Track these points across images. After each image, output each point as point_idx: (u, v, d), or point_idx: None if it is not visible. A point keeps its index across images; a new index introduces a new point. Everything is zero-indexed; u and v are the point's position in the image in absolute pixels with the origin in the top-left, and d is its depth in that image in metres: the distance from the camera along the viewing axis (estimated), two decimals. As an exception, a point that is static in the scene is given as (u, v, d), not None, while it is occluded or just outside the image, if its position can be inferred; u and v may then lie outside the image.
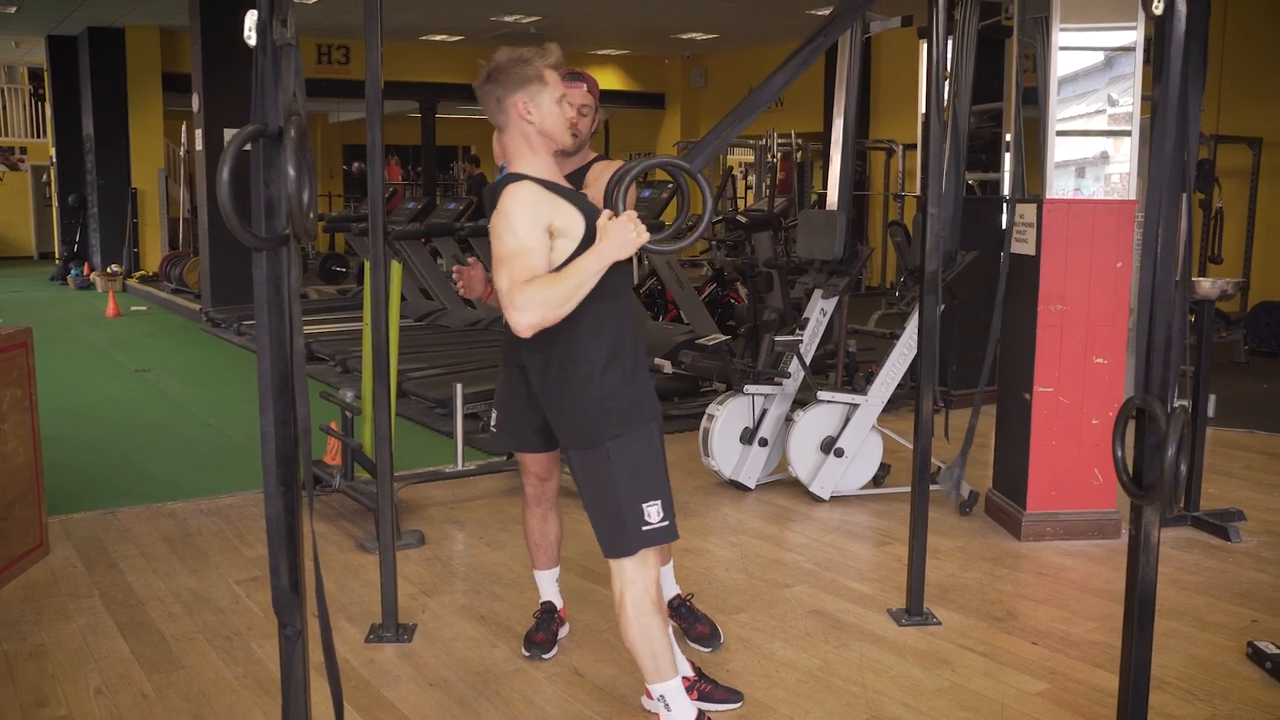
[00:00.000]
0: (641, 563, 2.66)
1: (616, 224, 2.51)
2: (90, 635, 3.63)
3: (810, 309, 5.47)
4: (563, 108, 2.68)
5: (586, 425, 2.66)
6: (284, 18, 1.87)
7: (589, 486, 2.71)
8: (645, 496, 2.65)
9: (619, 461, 2.64)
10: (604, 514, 2.68)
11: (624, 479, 2.64)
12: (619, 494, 2.64)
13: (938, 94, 3.66)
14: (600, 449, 2.64)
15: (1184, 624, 3.72)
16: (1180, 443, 2.07)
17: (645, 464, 2.68)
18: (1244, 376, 8.43)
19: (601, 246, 2.50)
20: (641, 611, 2.66)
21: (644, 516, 2.64)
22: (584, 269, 2.49)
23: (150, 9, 14.14)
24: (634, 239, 2.50)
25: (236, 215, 1.81)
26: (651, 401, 2.75)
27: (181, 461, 5.98)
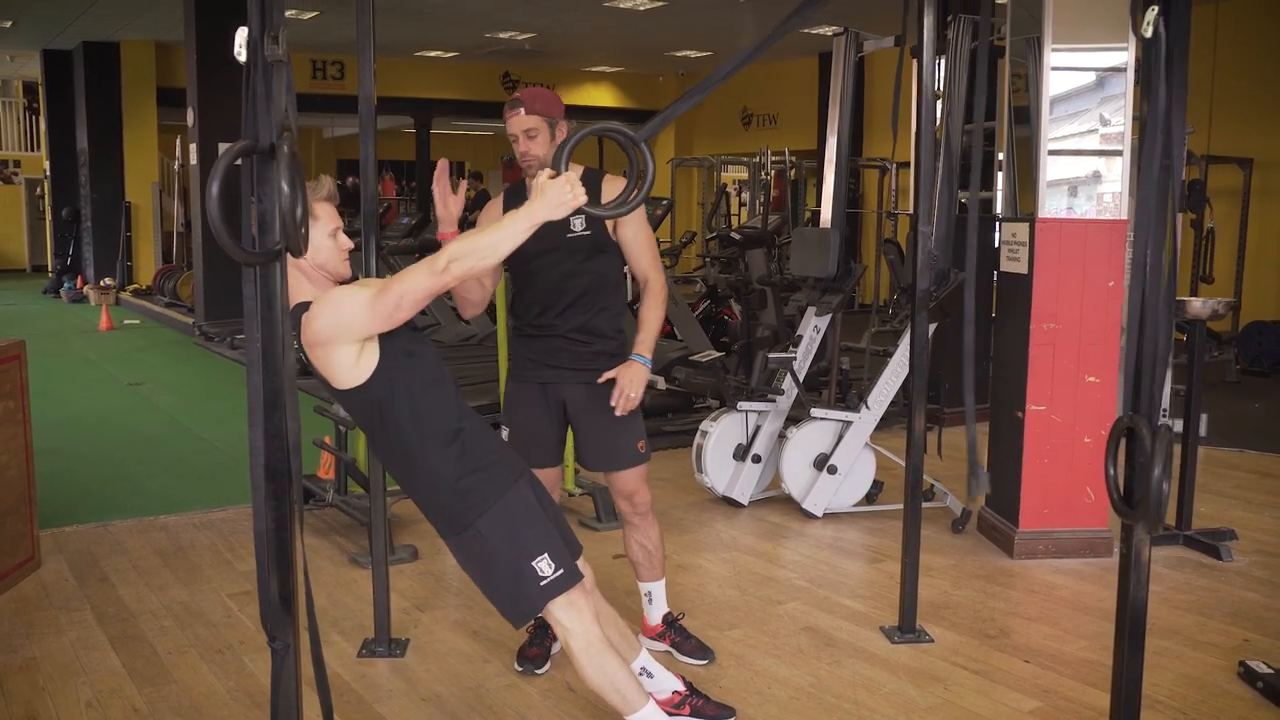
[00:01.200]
0: (570, 608, 2.63)
1: (554, 183, 2.41)
2: (81, 649, 3.62)
3: (804, 326, 5.48)
4: (337, 240, 2.65)
5: (449, 513, 2.64)
6: (275, 34, 1.88)
7: (475, 567, 2.68)
8: (531, 555, 2.61)
9: (493, 535, 2.61)
10: (500, 588, 2.65)
11: (505, 548, 2.61)
12: (505, 562, 2.61)
13: (929, 113, 3.67)
14: (471, 529, 2.62)
15: (1176, 643, 3.72)
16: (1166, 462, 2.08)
17: (519, 525, 2.64)
18: (1235, 396, 8.46)
19: (535, 204, 2.42)
20: (591, 654, 2.64)
21: (538, 574, 2.60)
22: (512, 225, 2.42)
23: (146, 24, 14.18)
24: (569, 199, 2.41)
25: (227, 230, 1.81)
26: (505, 462, 2.70)
27: (174, 475, 5.97)
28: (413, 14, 13.07)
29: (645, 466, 3.43)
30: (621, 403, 3.25)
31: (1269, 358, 9.47)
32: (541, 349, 3.36)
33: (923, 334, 3.74)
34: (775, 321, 7.41)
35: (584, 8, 12.71)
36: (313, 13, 12.92)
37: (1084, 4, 4.40)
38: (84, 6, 12.92)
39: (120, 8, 13.02)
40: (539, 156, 3.22)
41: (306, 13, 12.93)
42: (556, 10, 12.89)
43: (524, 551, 2.61)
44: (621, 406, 3.25)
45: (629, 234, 3.35)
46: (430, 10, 12.91)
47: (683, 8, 12.65)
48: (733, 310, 9.24)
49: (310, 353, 2.56)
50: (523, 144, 3.23)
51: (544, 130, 3.24)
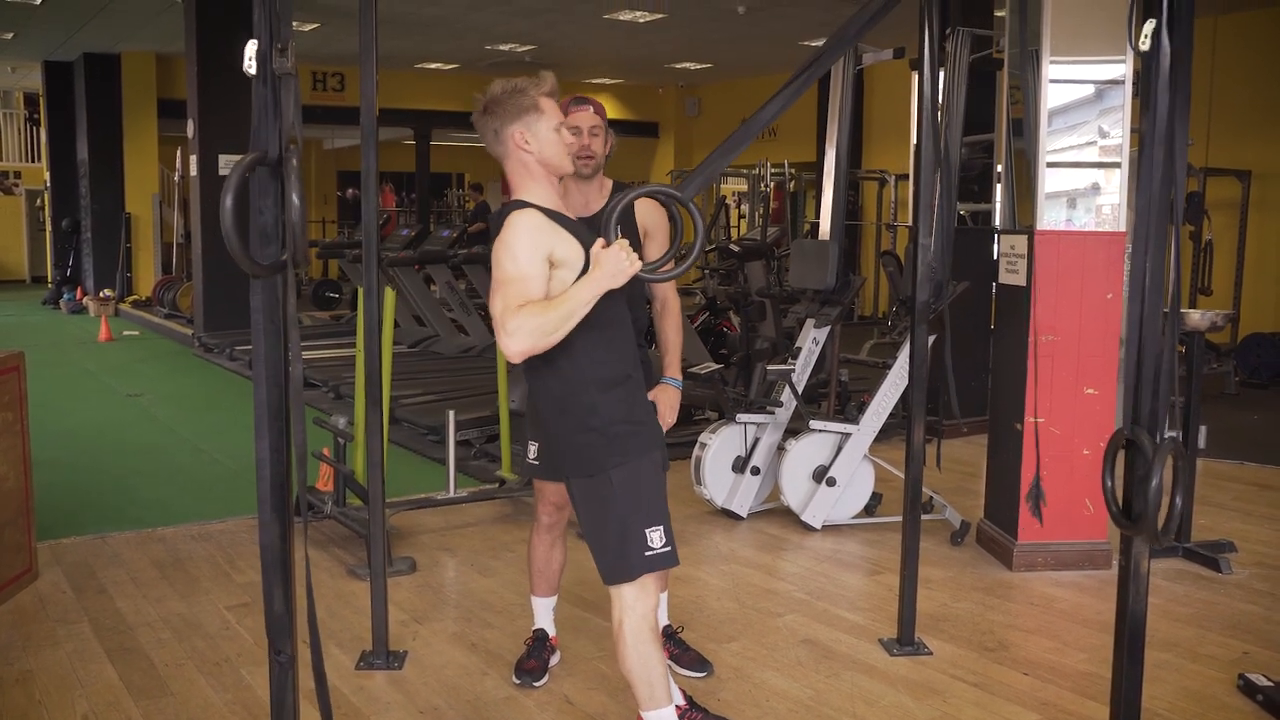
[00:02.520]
0: (641, 589, 2.66)
1: (608, 253, 2.51)
2: (78, 661, 3.61)
3: (802, 338, 5.49)
4: (561, 135, 2.68)
5: (590, 453, 2.66)
6: (284, 47, 1.89)
7: (591, 514, 2.71)
8: (648, 522, 2.65)
9: (622, 489, 2.64)
10: (605, 541, 2.67)
11: (627, 505, 2.64)
12: (623, 520, 2.64)
13: (931, 125, 3.69)
14: (603, 476, 2.65)
15: (1175, 655, 3.72)
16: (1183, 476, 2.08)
17: (648, 490, 2.68)
18: (1234, 408, 8.46)
19: (594, 275, 2.51)
20: (640, 639, 2.66)
21: (647, 541, 2.64)
22: (576, 297, 2.50)
23: (147, 35, 14.21)
24: (626, 267, 2.50)
25: (240, 243, 1.82)
26: (653, 428, 2.77)
27: (172, 487, 5.96)
28: (413, 26, 13.10)
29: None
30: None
31: (1268, 370, 9.48)
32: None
33: (921, 346, 3.74)
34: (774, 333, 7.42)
35: (584, 20, 12.74)
36: (314, 24, 12.96)
37: (1082, 17, 4.42)
38: (85, 18, 12.95)
39: (121, 20, 13.05)
40: (598, 154, 3.32)
41: (308, 24, 12.96)
42: (557, 23, 12.92)
43: (644, 515, 2.64)
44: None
45: (655, 250, 3.40)
46: (431, 22, 12.95)
47: (682, 20, 12.69)
48: (732, 322, 9.25)
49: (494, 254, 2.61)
50: (586, 138, 3.29)
51: (603, 134, 3.34)
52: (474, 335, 10.61)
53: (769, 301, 7.64)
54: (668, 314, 3.43)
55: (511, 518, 5.32)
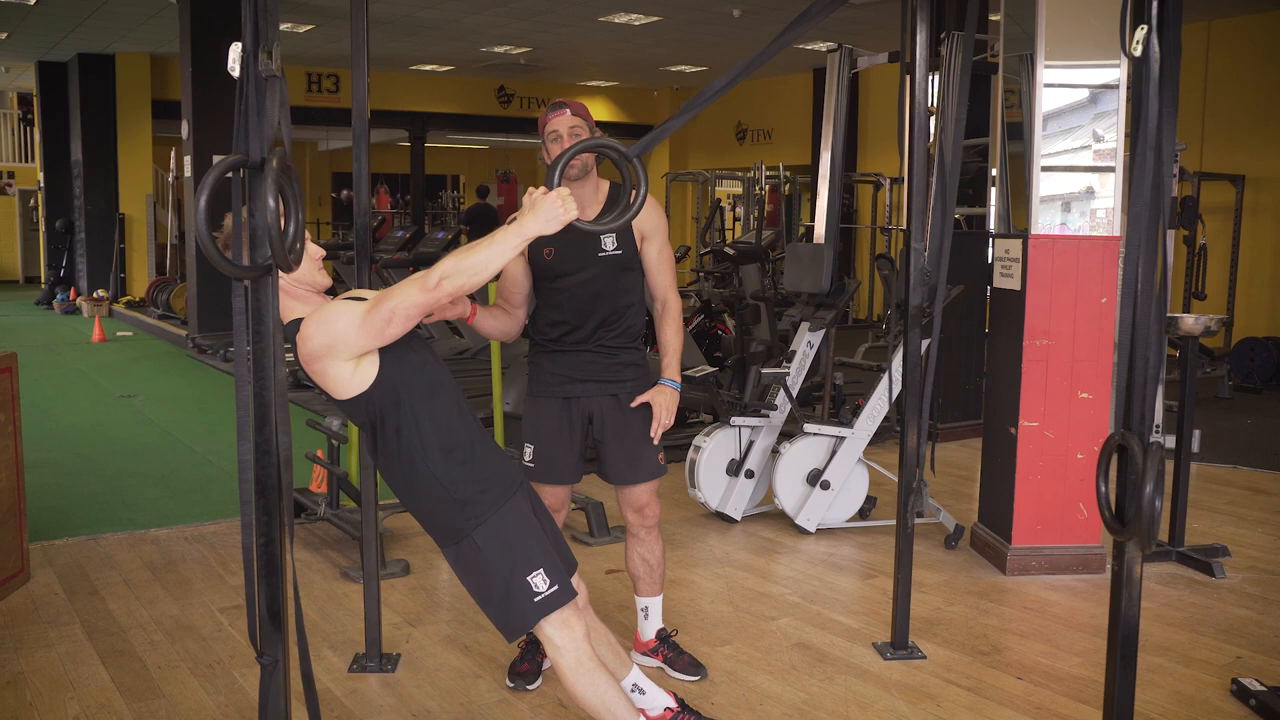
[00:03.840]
0: (563, 625, 2.62)
1: (546, 197, 2.44)
2: (70, 663, 3.60)
3: (797, 341, 5.49)
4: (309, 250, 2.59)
5: (448, 523, 2.62)
6: (269, 49, 1.88)
7: (471, 579, 2.66)
8: (525, 569, 2.59)
9: (489, 547, 2.60)
10: (492, 599, 2.63)
11: (499, 560, 2.60)
12: (500, 576, 2.60)
13: (922, 128, 3.69)
14: (468, 541, 2.61)
15: (1168, 660, 3.72)
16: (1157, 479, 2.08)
17: (516, 538, 2.62)
18: (1228, 412, 8.48)
19: (525, 219, 2.44)
20: (581, 673, 2.62)
21: (532, 589, 2.59)
22: (503, 241, 2.43)
23: (141, 36, 14.20)
24: (561, 214, 2.43)
25: (214, 244, 1.81)
26: (505, 474, 2.69)
27: (165, 488, 5.95)
28: (408, 28, 13.10)
29: (659, 480, 3.45)
30: (656, 429, 3.29)
31: (1261, 374, 9.50)
32: (567, 363, 3.37)
33: (915, 350, 3.74)
34: (769, 337, 7.42)
35: (579, 23, 12.75)
36: (308, 26, 12.95)
37: (1076, 21, 4.43)
38: (80, 19, 12.94)
39: (116, 20, 13.04)
40: (581, 159, 3.27)
41: (302, 26, 12.96)
42: (552, 25, 12.93)
43: (519, 566, 2.59)
44: (657, 433, 3.30)
45: (653, 252, 3.39)
46: (425, 24, 12.95)
47: (677, 23, 12.70)
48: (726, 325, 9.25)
49: (308, 367, 2.54)
50: (567, 141, 3.25)
51: (586, 133, 3.29)
52: (468, 337, 10.60)
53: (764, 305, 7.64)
54: (668, 316, 3.42)
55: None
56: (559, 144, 3.27)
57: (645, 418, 3.38)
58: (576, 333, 3.35)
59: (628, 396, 3.37)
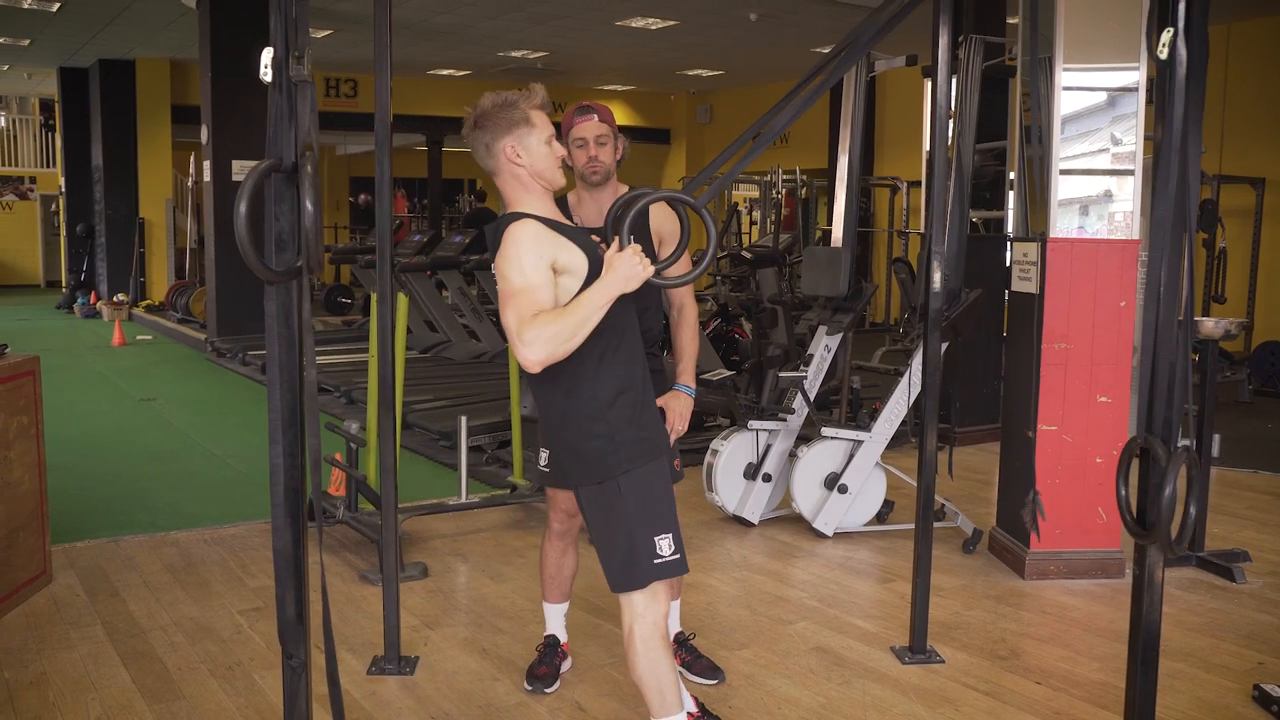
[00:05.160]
0: (652, 597, 2.66)
1: (621, 257, 2.50)
2: (92, 664, 3.62)
3: (814, 345, 5.48)
4: (553, 147, 2.67)
5: (597, 461, 2.65)
6: (300, 55, 1.90)
7: (600, 522, 2.70)
8: (657, 529, 2.64)
9: (630, 496, 2.63)
10: (614, 548, 2.67)
11: (636, 513, 2.63)
12: (631, 528, 2.63)
13: (942, 133, 3.69)
14: (611, 484, 2.64)
15: (1189, 665, 3.70)
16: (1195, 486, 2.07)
17: (656, 497, 2.67)
18: (1248, 416, 8.43)
19: (607, 279, 2.49)
20: (650, 646, 2.65)
21: (656, 549, 2.63)
22: (590, 303, 2.49)
23: (161, 42, 14.29)
24: (639, 272, 2.49)
25: (254, 248, 1.83)
26: (660, 435, 2.76)
27: (185, 491, 5.98)
28: (426, 33, 13.15)
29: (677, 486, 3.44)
30: (671, 437, 3.27)
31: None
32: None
33: (934, 353, 3.73)
34: (786, 340, 7.41)
35: (596, 27, 12.77)
36: (326, 31, 13.01)
37: (1095, 24, 4.41)
38: (101, 25, 13.03)
39: (136, 26, 13.13)
40: (607, 164, 3.28)
41: (320, 31, 13.02)
42: (569, 30, 12.95)
43: (653, 523, 2.64)
44: (671, 440, 3.28)
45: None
46: (443, 30, 12.99)
47: (694, 27, 12.70)
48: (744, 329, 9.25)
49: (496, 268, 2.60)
50: (593, 149, 3.25)
51: (611, 140, 3.28)
52: (486, 341, 10.63)
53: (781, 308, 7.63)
54: (684, 321, 3.42)
55: (523, 523, 5.33)
56: (584, 150, 3.26)
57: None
58: None
59: None
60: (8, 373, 4.10)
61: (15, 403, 4.14)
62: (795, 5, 11.18)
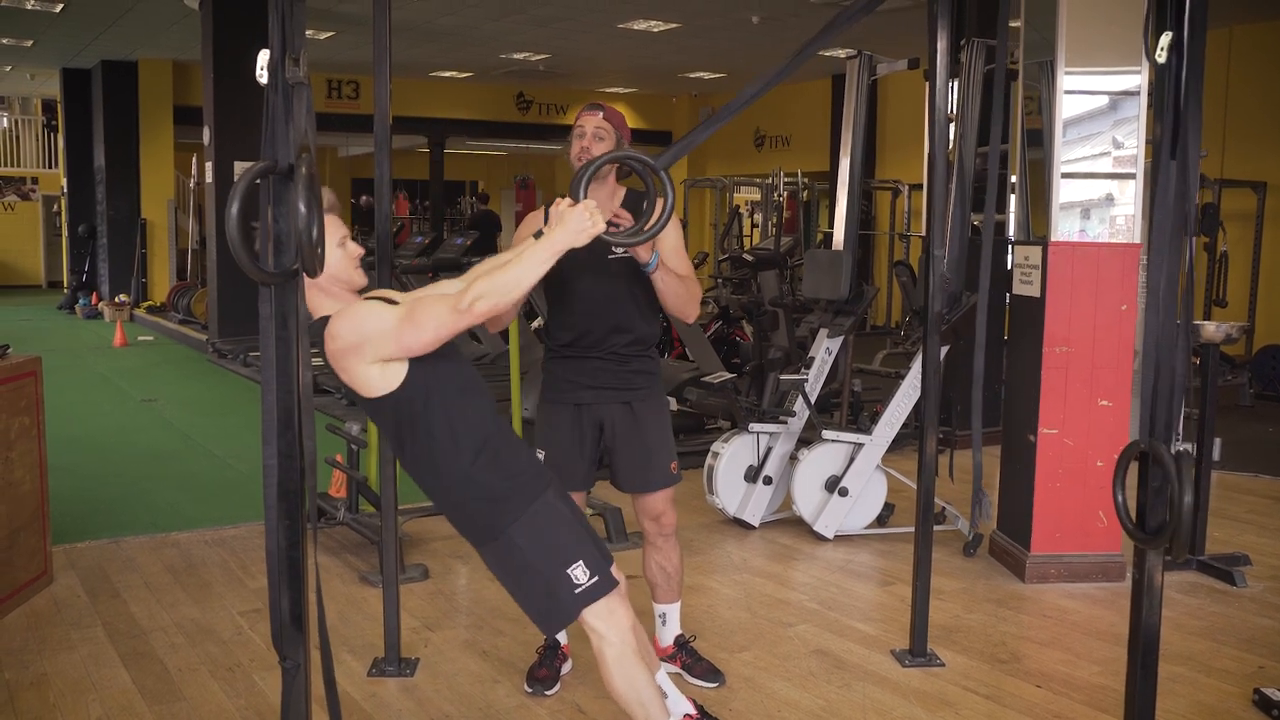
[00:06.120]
0: (609, 616, 2.60)
1: (573, 210, 2.43)
2: (92, 665, 3.62)
3: (815, 348, 5.48)
4: (346, 249, 2.59)
5: (484, 522, 2.60)
6: (296, 56, 1.90)
7: (508, 576, 2.65)
8: (565, 562, 2.57)
9: (525, 543, 2.57)
10: (532, 595, 2.62)
11: (538, 555, 2.58)
12: (539, 571, 2.58)
13: (942, 136, 3.69)
14: (503, 538, 2.59)
15: (1189, 669, 3.70)
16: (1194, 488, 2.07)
17: (552, 532, 2.60)
18: (1249, 420, 8.42)
19: (555, 232, 2.43)
20: (623, 664, 2.60)
21: (572, 581, 2.56)
22: (535, 255, 2.42)
23: (163, 43, 14.30)
24: (589, 227, 2.43)
25: (245, 250, 1.83)
26: (535, 471, 2.68)
27: (186, 491, 5.99)
28: (428, 35, 13.15)
29: (674, 488, 3.44)
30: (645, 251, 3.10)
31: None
32: (580, 369, 3.35)
33: (934, 357, 3.73)
34: (787, 343, 7.41)
35: (598, 30, 12.77)
36: (329, 33, 13.02)
37: (1097, 27, 4.42)
38: (103, 26, 13.04)
39: (139, 27, 13.14)
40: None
41: (323, 33, 13.03)
42: (571, 32, 12.96)
43: (558, 559, 2.57)
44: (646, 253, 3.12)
45: (664, 252, 3.35)
46: (445, 31, 12.99)
47: (696, 30, 12.70)
48: (745, 331, 9.25)
49: (335, 364, 2.52)
50: (588, 140, 3.24)
51: (610, 139, 3.26)
52: (487, 343, 10.62)
53: (782, 311, 7.64)
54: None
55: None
56: (581, 140, 3.26)
57: (657, 426, 3.38)
58: (588, 338, 3.33)
59: (640, 404, 3.36)
60: (9, 373, 4.10)
61: (17, 403, 4.14)
62: (797, 8, 11.18)
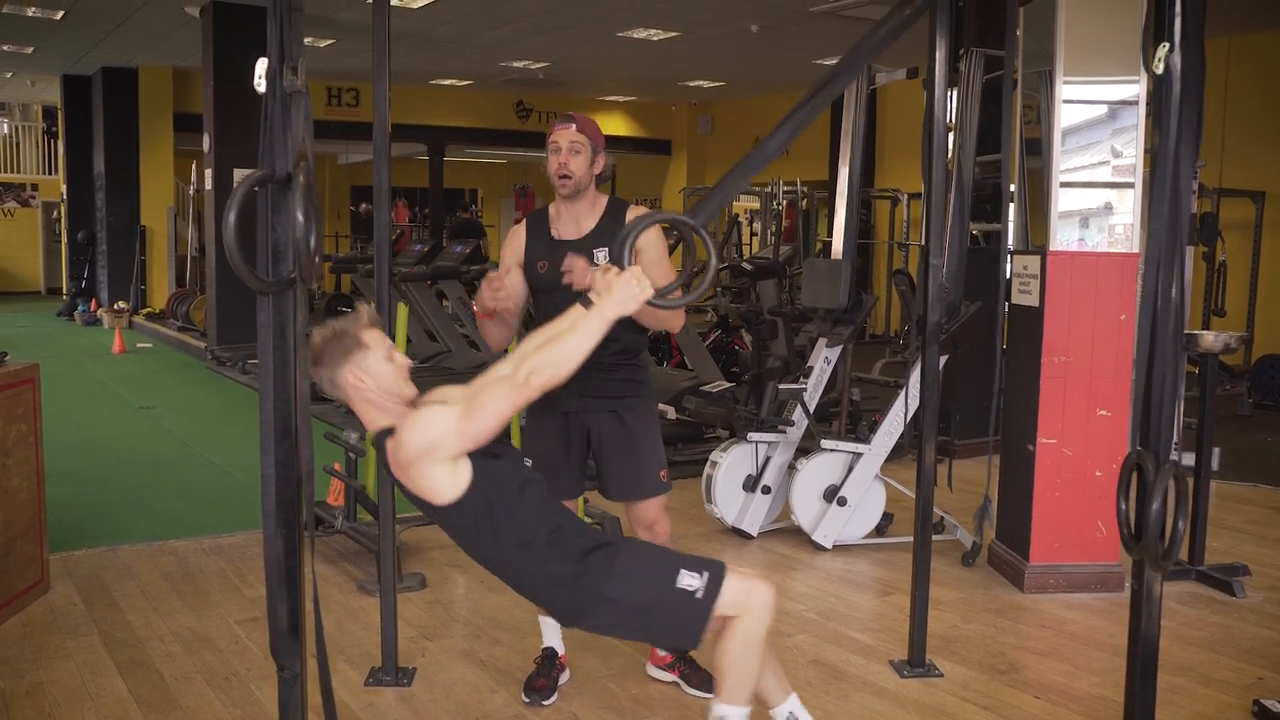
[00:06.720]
0: (745, 592, 2.55)
1: (620, 279, 2.43)
2: (88, 674, 3.61)
3: (814, 357, 5.48)
4: (395, 361, 2.60)
5: (576, 599, 2.60)
6: (294, 65, 1.90)
7: (628, 630, 2.65)
8: (669, 581, 2.54)
9: (621, 593, 2.55)
10: (663, 630, 2.60)
11: (640, 596, 2.55)
12: (652, 606, 2.55)
13: (940, 145, 3.69)
14: (599, 606, 2.57)
15: (1188, 680, 3.69)
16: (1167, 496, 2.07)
17: (636, 568, 2.59)
18: (1248, 430, 8.42)
19: (604, 303, 2.43)
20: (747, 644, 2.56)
21: (690, 593, 2.52)
22: (585, 328, 2.43)
23: (164, 50, 14.32)
24: (637, 293, 2.43)
25: (242, 258, 1.83)
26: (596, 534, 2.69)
27: (184, 499, 5.98)
28: (428, 43, 13.17)
29: (666, 496, 3.44)
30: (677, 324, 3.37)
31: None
32: (569, 379, 3.35)
33: (933, 366, 3.73)
34: (786, 352, 7.40)
35: (597, 38, 12.79)
36: (329, 40, 13.03)
37: (1096, 37, 4.42)
38: (104, 33, 13.05)
39: (139, 34, 13.15)
40: (575, 174, 3.29)
41: (323, 40, 13.04)
42: (571, 40, 12.97)
43: (660, 584, 2.53)
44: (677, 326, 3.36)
45: (647, 265, 3.36)
46: (445, 39, 13.01)
47: (696, 38, 12.72)
48: (743, 340, 9.25)
49: (403, 476, 2.53)
50: (564, 156, 3.27)
51: (587, 151, 3.30)
52: (485, 351, 10.62)
53: (781, 320, 7.63)
54: None
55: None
56: (557, 155, 3.29)
57: (645, 434, 3.39)
58: None
59: (627, 413, 3.37)
60: (7, 380, 4.10)
61: (14, 410, 4.13)
62: (797, 17, 11.20)
